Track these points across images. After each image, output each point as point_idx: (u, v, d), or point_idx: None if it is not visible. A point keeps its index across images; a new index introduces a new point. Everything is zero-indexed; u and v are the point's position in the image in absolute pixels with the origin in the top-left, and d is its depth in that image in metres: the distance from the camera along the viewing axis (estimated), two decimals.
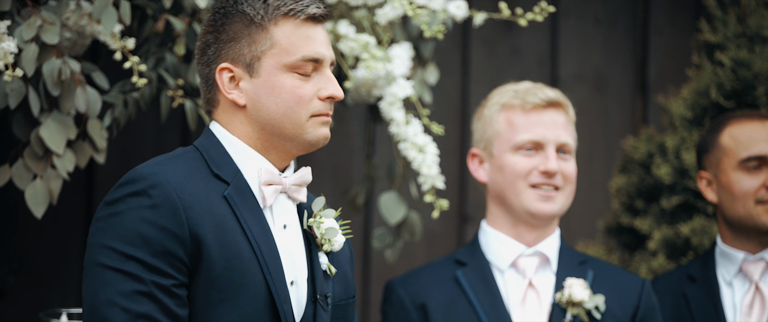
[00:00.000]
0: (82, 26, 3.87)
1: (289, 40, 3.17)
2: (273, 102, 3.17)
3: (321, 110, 3.20)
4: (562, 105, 4.09)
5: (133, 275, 3.02)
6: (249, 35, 3.18)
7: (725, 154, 4.30)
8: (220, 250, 3.08)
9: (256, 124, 3.20)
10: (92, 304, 3.04)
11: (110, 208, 3.08)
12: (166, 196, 3.05)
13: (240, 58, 3.19)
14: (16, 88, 3.72)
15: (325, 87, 3.20)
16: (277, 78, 3.17)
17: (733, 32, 4.93)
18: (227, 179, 3.16)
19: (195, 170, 3.16)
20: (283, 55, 3.17)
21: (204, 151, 3.21)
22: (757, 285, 4.29)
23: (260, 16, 3.17)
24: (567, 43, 5.59)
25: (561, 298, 4.01)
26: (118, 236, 3.04)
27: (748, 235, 4.30)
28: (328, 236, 3.27)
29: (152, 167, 3.12)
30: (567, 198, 4.08)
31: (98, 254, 3.05)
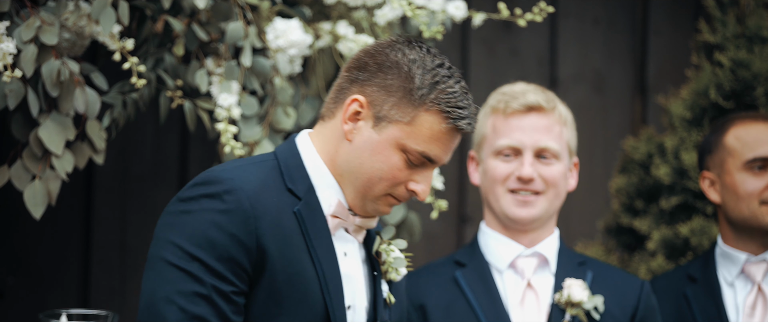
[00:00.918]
0: (81, 27, 3.87)
1: (422, 131, 3.12)
2: (369, 161, 3.15)
3: (399, 195, 3.18)
4: (545, 109, 4.06)
5: (195, 276, 3.01)
6: (400, 97, 3.13)
7: (730, 155, 4.30)
8: (283, 264, 3.07)
9: (347, 165, 3.17)
10: (150, 298, 3.04)
11: (183, 205, 3.08)
12: (239, 203, 3.04)
13: (377, 105, 3.14)
14: (15, 89, 3.72)
15: (418, 182, 3.17)
16: (390, 150, 3.13)
17: (732, 33, 4.93)
18: (299, 195, 3.14)
19: (270, 180, 3.14)
20: (410, 137, 3.12)
21: (282, 162, 3.18)
22: (759, 286, 4.29)
23: (421, 93, 3.12)
24: (566, 43, 5.59)
25: (560, 298, 4.01)
26: (186, 235, 3.04)
27: (751, 235, 4.30)
28: (396, 266, 3.27)
29: (231, 171, 3.10)
30: (550, 202, 4.07)
31: (164, 250, 3.05)
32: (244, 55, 4.03)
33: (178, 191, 5.18)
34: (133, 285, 5.18)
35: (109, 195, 5.15)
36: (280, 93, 4.14)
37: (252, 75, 4.09)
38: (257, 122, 4.12)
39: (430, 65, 3.15)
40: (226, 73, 4.04)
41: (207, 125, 4.13)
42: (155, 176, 5.21)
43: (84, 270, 5.14)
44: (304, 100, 4.30)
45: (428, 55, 3.17)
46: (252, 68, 4.08)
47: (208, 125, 4.13)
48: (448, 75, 3.15)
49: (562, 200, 4.12)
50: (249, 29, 4.05)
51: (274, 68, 4.13)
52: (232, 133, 3.98)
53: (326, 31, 4.28)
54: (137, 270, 5.17)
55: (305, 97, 4.31)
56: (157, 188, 5.20)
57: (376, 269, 3.28)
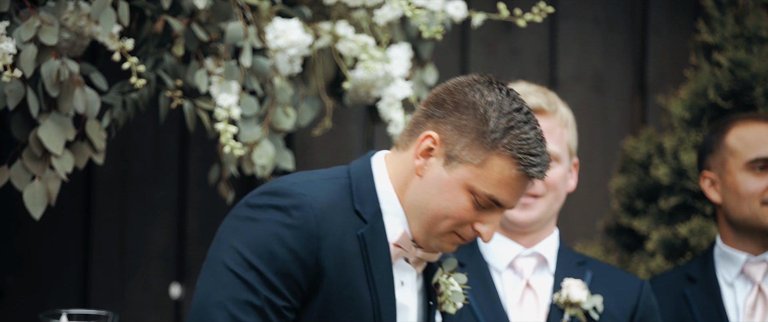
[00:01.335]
0: (81, 27, 3.88)
1: (495, 176, 3.10)
2: (437, 199, 3.12)
3: (464, 235, 3.16)
4: (546, 112, 4.05)
5: (250, 285, 3.01)
6: (473, 139, 3.11)
7: (731, 155, 4.30)
8: (339, 285, 3.07)
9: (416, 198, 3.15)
10: (204, 300, 3.04)
11: (250, 211, 3.08)
12: (305, 220, 3.04)
13: (449, 144, 3.12)
14: (14, 89, 3.72)
15: (484, 223, 3.14)
16: (457, 188, 3.11)
17: (730, 33, 4.94)
18: (366, 218, 3.13)
19: (339, 199, 3.12)
20: (479, 180, 3.09)
21: (354, 181, 3.17)
22: (759, 287, 4.29)
23: (494, 137, 3.09)
24: (566, 43, 5.59)
25: (559, 299, 4.01)
26: (248, 243, 3.04)
27: (751, 236, 4.30)
28: (454, 299, 3.26)
29: (303, 185, 3.09)
30: (550, 205, 4.07)
31: (225, 253, 3.06)
32: (243, 56, 4.03)
33: (178, 190, 5.20)
34: (133, 285, 5.18)
35: (108, 195, 5.16)
36: (280, 93, 4.14)
37: (251, 75, 4.09)
38: (257, 122, 4.12)
39: (507, 109, 3.11)
40: (225, 73, 4.04)
41: (206, 125, 4.13)
42: (155, 176, 5.21)
43: (84, 270, 5.14)
44: (303, 101, 4.30)
45: (507, 98, 3.13)
46: (251, 68, 4.08)
47: (208, 125, 4.13)
48: (525, 121, 3.11)
49: (561, 201, 4.12)
50: (248, 29, 4.05)
51: (273, 68, 4.13)
52: (232, 133, 3.98)
53: (326, 31, 4.29)
54: (137, 270, 5.18)
55: (305, 97, 4.31)
56: (157, 188, 5.20)
57: (432, 300, 3.26)
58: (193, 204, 5.23)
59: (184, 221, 5.23)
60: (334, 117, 4.80)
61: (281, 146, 4.18)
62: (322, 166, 5.26)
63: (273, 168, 4.13)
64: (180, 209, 5.21)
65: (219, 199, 5.03)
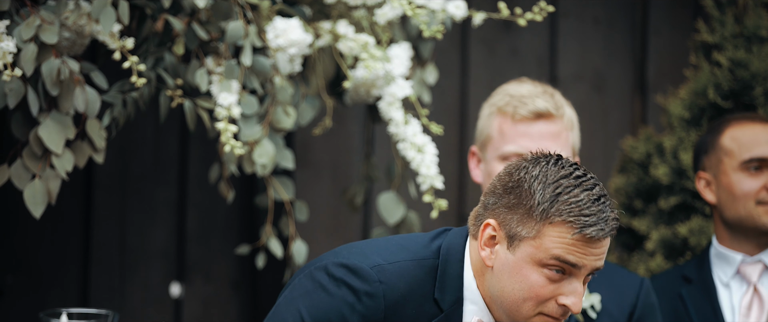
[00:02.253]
0: (81, 26, 3.88)
1: (553, 242, 3.06)
2: (510, 285, 3.11)
3: (551, 313, 3.12)
4: (554, 116, 4.05)
5: None
6: (522, 214, 3.09)
7: (726, 156, 4.30)
8: None
9: (491, 287, 3.14)
10: None
11: (326, 278, 3.09)
12: (375, 311, 3.06)
13: (507, 225, 3.12)
14: (14, 88, 3.72)
15: (568, 296, 3.10)
16: (526, 267, 3.09)
17: (730, 32, 4.94)
18: (443, 307, 3.14)
19: (418, 287, 3.12)
20: (540, 250, 3.08)
21: (442, 265, 3.16)
22: (755, 287, 4.30)
23: (542, 209, 3.08)
24: (566, 43, 5.59)
25: None
26: (313, 313, 3.06)
27: (746, 236, 4.30)
28: None
29: (383, 272, 3.09)
30: None
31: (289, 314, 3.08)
32: (244, 55, 4.03)
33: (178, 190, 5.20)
34: (133, 284, 5.18)
35: (108, 194, 5.16)
36: (280, 92, 4.14)
37: (252, 74, 4.09)
38: (257, 121, 4.12)
39: (553, 178, 3.10)
40: (226, 72, 4.04)
41: (207, 124, 4.13)
42: (155, 175, 5.21)
43: (84, 269, 5.14)
44: (304, 100, 4.30)
45: (554, 167, 3.12)
46: (252, 67, 4.08)
47: (208, 124, 4.13)
48: (574, 184, 3.09)
49: None
50: (249, 28, 4.05)
51: (274, 67, 4.13)
52: (232, 132, 3.98)
53: (326, 31, 4.29)
54: (137, 269, 5.18)
55: (305, 96, 4.31)
56: (157, 187, 5.20)
57: None
58: (194, 203, 5.23)
59: (185, 220, 5.23)
60: (335, 116, 4.80)
61: (281, 145, 4.17)
62: (323, 165, 5.26)
63: (273, 167, 4.13)
64: (180, 208, 5.21)
65: (219, 198, 5.03)
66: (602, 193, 3.11)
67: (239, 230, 5.24)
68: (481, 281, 3.16)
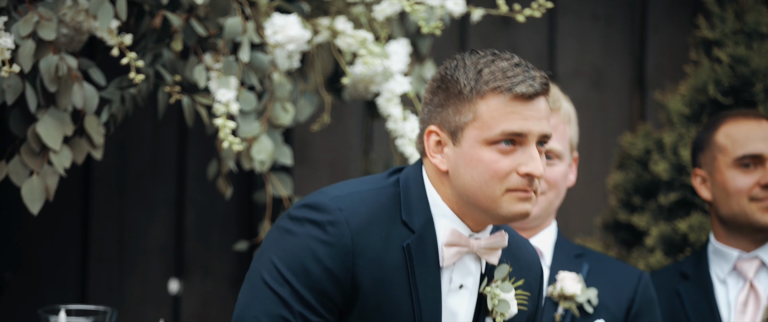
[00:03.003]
0: (79, 22, 3.87)
1: (491, 114, 3.10)
2: (469, 174, 3.12)
3: (518, 185, 3.12)
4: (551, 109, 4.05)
5: (284, 300, 3.04)
6: (456, 104, 3.13)
7: (720, 152, 4.32)
8: (377, 301, 3.07)
9: (454, 190, 3.15)
10: (242, 312, 3.08)
11: (289, 224, 3.10)
12: (340, 238, 3.05)
13: (446, 125, 3.15)
14: (12, 85, 3.72)
15: (526, 163, 3.11)
16: (476, 151, 3.11)
17: (730, 29, 4.93)
18: (414, 228, 3.14)
19: (383, 213, 3.13)
20: (483, 129, 3.10)
21: (403, 192, 3.18)
22: (751, 283, 4.30)
23: (469, 88, 3.11)
24: (564, 39, 5.59)
25: (553, 291, 4.01)
26: (284, 257, 3.06)
27: (741, 232, 4.31)
28: (500, 310, 3.23)
29: (344, 199, 3.10)
30: (550, 202, 4.07)
31: (262, 266, 3.09)
32: (242, 51, 4.03)
33: (177, 186, 5.20)
34: (132, 281, 5.18)
35: (107, 191, 5.15)
36: (279, 88, 4.14)
37: (250, 70, 4.09)
38: (255, 118, 4.12)
39: (472, 62, 3.15)
40: (224, 68, 4.04)
41: (205, 121, 4.13)
42: (154, 172, 5.21)
43: (82, 266, 5.14)
44: (302, 96, 4.29)
45: (469, 55, 3.17)
46: (250, 64, 4.08)
47: (207, 121, 4.13)
48: (492, 59, 3.14)
49: (562, 198, 4.12)
50: (247, 25, 4.05)
51: (272, 64, 4.13)
52: (231, 128, 3.98)
53: (325, 27, 4.28)
54: (135, 266, 5.18)
55: (303, 92, 4.30)
56: (156, 184, 5.20)
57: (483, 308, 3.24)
58: (192, 199, 5.23)
59: (183, 216, 5.23)
60: (333, 112, 4.79)
61: (280, 142, 4.17)
62: (321, 161, 5.26)
63: (272, 163, 4.13)
64: (179, 204, 5.21)
65: (217, 194, 5.03)
66: (522, 61, 3.16)
67: (238, 226, 5.24)
68: (444, 193, 3.17)
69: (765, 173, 4.26)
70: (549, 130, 3.15)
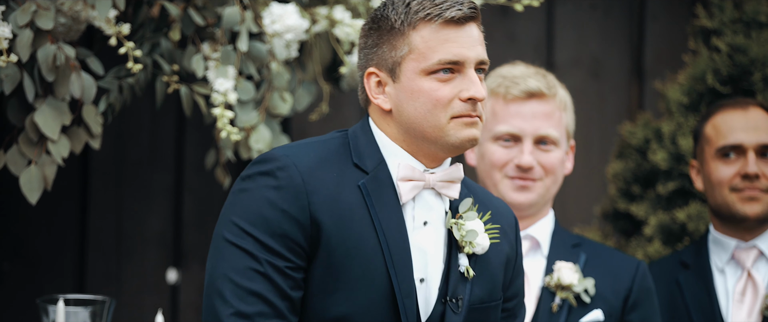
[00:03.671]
0: (77, 12, 3.87)
1: (426, 44, 3.16)
2: (412, 106, 3.17)
3: (462, 111, 3.16)
4: (546, 95, 4.06)
5: (249, 252, 3.07)
6: (390, 40, 3.19)
7: (707, 143, 4.34)
8: (341, 238, 3.10)
9: (401, 127, 3.20)
10: (211, 275, 3.10)
11: (242, 184, 3.14)
12: (291, 179, 3.09)
13: (384, 64, 3.20)
14: (10, 74, 3.71)
15: (467, 88, 3.16)
16: (416, 82, 3.16)
17: (729, 18, 4.93)
18: (367, 170, 3.17)
19: (332, 156, 3.18)
20: (420, 59, 3.16)
21: (352, 139, 3.23)
22: (749, 272, 4.31)
23: (400, 21, 3.17)
24: (563, 28, 5.58)
25: (550, 282, 4.01)
26: (241, 213, 3.10)
27: (731, 223, 4.32)
28: (469, 239, 3.24)
29: (287, 148, 3.16)
30: (547, 188, 4.07)
31: (223, 228, 3.12)
32: (240, 40, 4.03)
33: (175, 175, 5.20)
34: (129, 270, 5.18)
35: (105, 180, 5.15)
36: (277, 78, 4.13)
37: (248, 60, 4.08)
38: (254, 107, 4.11)
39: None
40: (222, 58, 4.03)
41: (203, 110, 4.12)
42: (152, 161, 5.21)
43: (80, 255, 5.14)
44: (300, 85, 4.29)
45: None
46: (248, 53, 4.07)
47: (205, 110, 4.12)
48: None
49: (559, 185, 4.12)
50: (245, 14, 4.04)
51: (270, 53, 4.12)
52: (229, 118, 3.97)
53: (323, 16, 4.28)
54: (133, 255, 5.18)
55: (302, 82, 4.30)
56: (154, 173, 5.20)
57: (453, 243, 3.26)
58: (190, 189, 5.22)
59: (181, 205, 5.23)
60: (331, 102, 4.79)
61: (278, 131, 4.17)
62: None
63: None
64: (177, 193, 5.21)
65: (216, 184, 5.02)
66: None
67: None
68: (392, 133, 3.22)
69: (745, 164, 4.27)
70: (485, 56, 3.21)
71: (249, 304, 3.05)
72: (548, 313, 3.98)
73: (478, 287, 3.26)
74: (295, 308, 3.09)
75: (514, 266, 3.39)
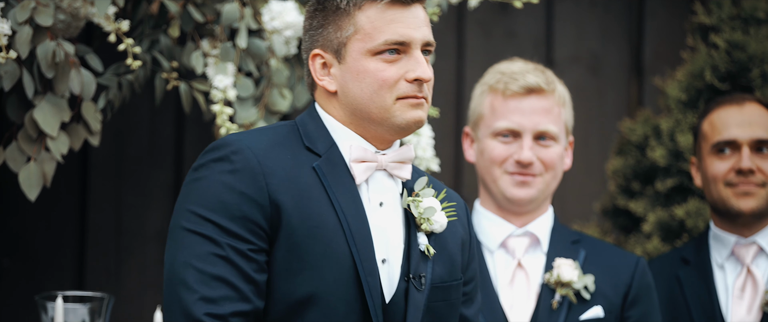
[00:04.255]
0: (76, 8, 3.87)
1: (372, 24, 3.15)
2: (358, 87, 3.17)
3: (408, 92, 3.16)
4: (545, 91, 4.06)
5: (210, 238, 3.05)
6: (335, 21, 3.18)
7: (703, 140, 4.35)
8: (301, 218, 3.08)
9: (347, 109, 3.20)
10: (171, 266, 3.08)
11: (195, 173, 3.12)
12: (246, 161, 3.07)
13: (329, 45, 3.20)
14: (10, 71, 3.72)
15: (413, 69, 3.16)
16: (361, 63, 3.16)
17: (727, 14, 4.93)
18: (319, 152, 3.17)
19: (284, 140, 3.18)
20: (366, 40, 3.16)
21: (301, 126, 3.22)
22: (748, 268, 4.31)
23: (346, 1, 3.17)
24: (562, 25, 5.58)
25: (550, 278, 4.01)
26: (199, 201, 3.08)
27: (729, 218, 4.32)
28: (427, 216, 3.24)
29: (239, 134, 3.15)
30: (547, 184, 4.08)
31: (180, 218, 3.10)
32: (239, 37, 4.03)
33: (174, 172, 5.20)
34: (129, 267, 5.18)
35: (104, 177, 5.15)
36: (276, 75, 4.14)
37: (247, 57, 4.08)
38: (253, 104, 4.12)
39: None
40: (221, 54, 4.03)
41: (202, 107, 4.13)
42: (151, 158, 5.21)
43: (80, 252, 5.14)
44: (299, 82, 4.29)
45: None
46: (248, 50, 4.07)
47: (204, 107, 4.13)
48: None
49: (558, 180, 4.12)
50: (244, 11, 4.04)
51: (269, 50, 4.12)
52: (228, 114, 3.97)
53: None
54: (133, 252, 5.18)
55: (301, 78, 4.30)
56: (153, 170, 5.20)
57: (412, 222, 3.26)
58: None
59: None
60: None
61: None
62: None
63: None
64: (176, 190, 5.21)
65: None
66: None
67: None
68: (339, 116, 3.22)
69: (740, 159, 4.27)
70: (431, 37, 3.21)
71: (213, 288, 3.02)
72: (548, 310, 3.99)
73: (439, 265, 3.26)
74: (260, 291, 3.06)
75: (469, 248, 3.40)
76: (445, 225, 3.28)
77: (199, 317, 3.00)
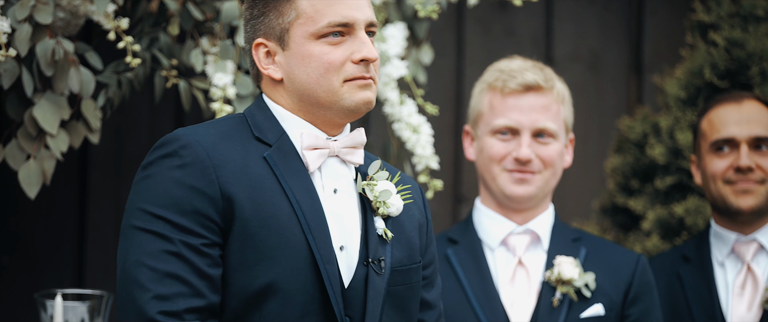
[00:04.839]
0: (76, 6, 3.87)
1: (313, 7, 3.14)
2: (304, 72, 3.15)
3: (355, 74, 3.15)
4: (543, 88, 4.06)
5: (161, 235, 3.02)
6: (276, 7, 3.16)
7: (702, 138, 4.36)
8: (254, 209, 3.06)
9: (294, 96, 3.18)
10: (123, 265, 3.04)
11: (144, 171, 3.10)
12: (195, 155, 3.05)
13: (271, 32, 3.18)
14: (9, 69, 3.71)
15: (358, 50, 3.15)
16: (306, 48, 3.14)
17: (726, 12, 4.93)
18: (269, 142, 3.15)
19: (233, 132, 3.15)
20: (308, 23, 3.14)
21: (249, 117, 3.20)
22: (749, 266, 4.31)
23: None
24: (561, 23, 5.59)
25: (550, 276, 4.01)
26: (149, 198, 3.05)
27: (729, 216, 4.32)
28: (382, 199, 3.24)
29: (186, 129, 3.12)
30: (546, 181, 4.08)
31: (131, 217, 3.07)
32: (239, 35, 4.03)
33: None
34: None
35: (104, 175, 5.15)
36: None
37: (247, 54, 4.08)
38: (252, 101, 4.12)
39: None
40: (221, 52, 4.03)
41: (202, 105, 4.13)
42: None
43: (79, 250, 5.14)
44: None
45: None
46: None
47: (203, 105, 4.13)
48: None
49: (558, 178, 4.12)
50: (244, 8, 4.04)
51: None
52: (228, 112, 3.97)
53: None
54: None
55: None
56: None
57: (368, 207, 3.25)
58: None
59: None
60: None
61: None
62: None
63: None
64: None
65: None
66: None
67: None
68: (287, 104, 3.20)
69: (738, 157, 4.28)
70: (374, 18, 3.19)
71: (166, 286, 2.99)
72: (549, 308, 3.99)
73: (397, 249, 3.25)
74: (214, 286, 3.04)
75: (426, 231, 3.39)
76: (402, 208, 3.28)
77: (153, 316, 2.97)
